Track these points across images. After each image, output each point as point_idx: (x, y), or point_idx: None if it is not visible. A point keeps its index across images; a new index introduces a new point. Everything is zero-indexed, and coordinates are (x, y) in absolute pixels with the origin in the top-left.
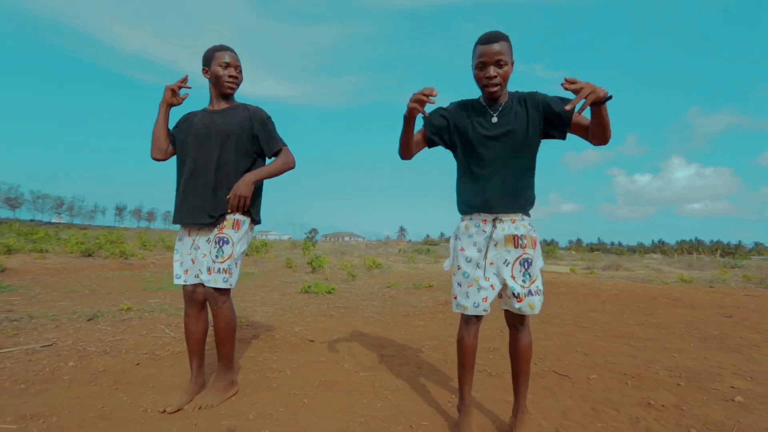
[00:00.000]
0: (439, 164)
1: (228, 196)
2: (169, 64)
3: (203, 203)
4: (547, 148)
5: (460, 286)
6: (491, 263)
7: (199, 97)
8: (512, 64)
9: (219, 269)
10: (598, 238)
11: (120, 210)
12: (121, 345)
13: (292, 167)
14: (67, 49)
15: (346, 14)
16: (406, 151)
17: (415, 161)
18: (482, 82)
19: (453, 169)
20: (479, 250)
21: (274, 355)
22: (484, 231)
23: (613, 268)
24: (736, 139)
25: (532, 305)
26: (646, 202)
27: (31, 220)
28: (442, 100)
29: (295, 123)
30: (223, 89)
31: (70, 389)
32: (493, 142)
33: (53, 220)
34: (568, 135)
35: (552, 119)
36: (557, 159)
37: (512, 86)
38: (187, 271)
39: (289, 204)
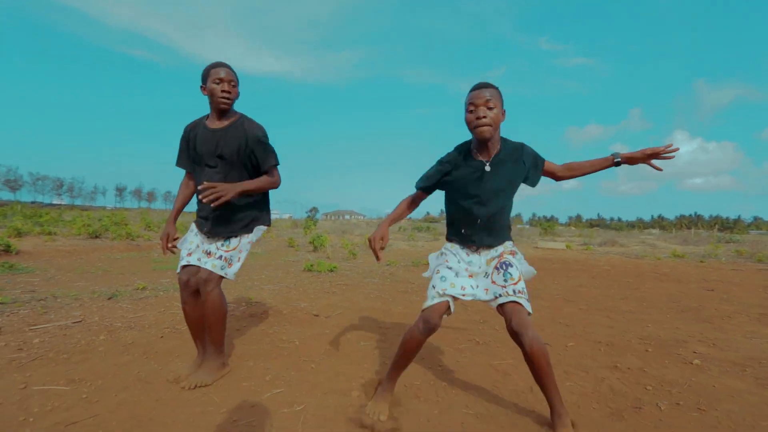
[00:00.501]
0: (439, 143)
1: (204, 186)
2: (161, 38)
3: (221, 224)
4: (549, 124)
5: (434, 287)
6: (470, 275)
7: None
8: (503, 113)
9: (220, 256)
10: (598, 214)
11: (120, 191)
12: (143, 321)
13: (276, 187)
14: (60, 26)
15: None
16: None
17: (418, 136)
18: (473, 124)
19: (452, 145)
20: (459, 262)
21: (283, 328)
22: (468, 253)
23: (609, 244)
24: (742, 112)
25: (516, 290)
26: (647, 177)
27: (33, 202)
28: (445, 69)
29: (294, 100)
30: (217, 105)
31: (106, 358)
32: (484, 197)
33: (54, 202)
34: None
35: (535, 178)
36: (559, 135)
37: (519, 62)
38: (190, 253)
39: (289, 183)
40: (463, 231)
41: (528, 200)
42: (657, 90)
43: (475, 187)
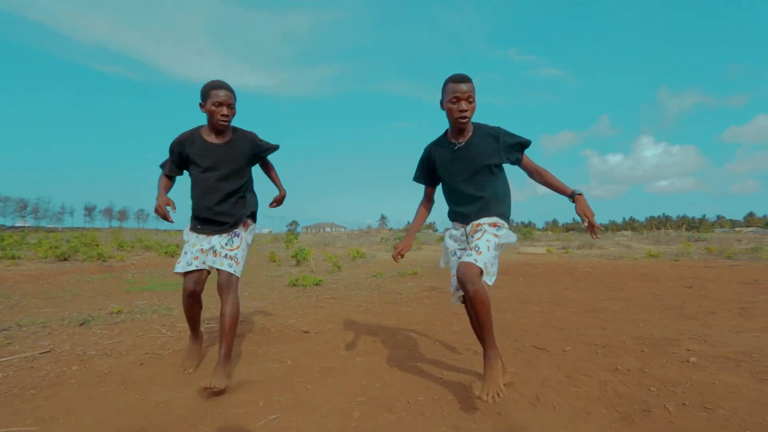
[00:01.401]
0: (418, 153)
1: (271, 205)
2: (134, 54)
3: (225, 216)
4: (523, 133)
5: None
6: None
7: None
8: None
9: (226, 254)
10: (573, 218)
11: (89, 210)
12: (119, 347)
13: None
14: (20, 39)
15: (318, 1)
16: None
17: (394, 150)
18: (455, 115)
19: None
20: (455, 240)
21: (273, 347)
22: (456, 228)
23: (587, 247)
24: (702, 117)
25: (476, 249)
26: (617, 181)
27: None
28: (422, 82)
29: (271, 113)
30: (215, 126)
31: (79, 391)
32: (457, 175)
33: (17, 224)
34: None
35: (509, 158)
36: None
37: (492, 72)
38: (197, 257)
39: (266, 197)
40: (452, 208)
41: None
42: (623, 97)
43: (452, 166)
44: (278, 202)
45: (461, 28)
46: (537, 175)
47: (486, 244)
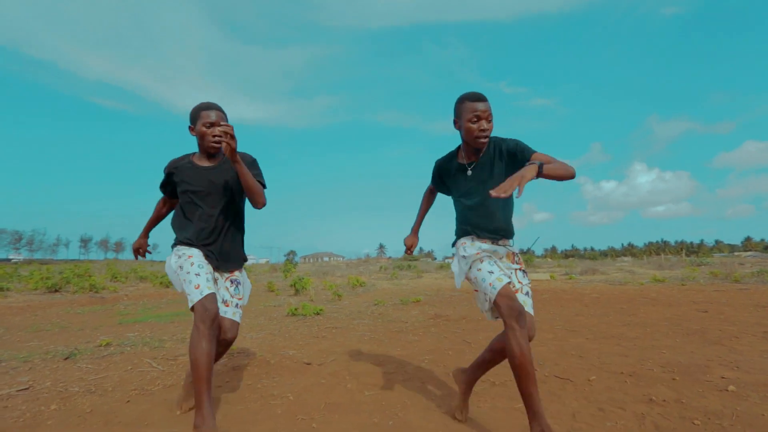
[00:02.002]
0: (414, 180)
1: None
2: (134, 88)
3: (231, 252)
4: None
5: (485, 280)
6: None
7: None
8: None
9: (236, 304)
10: (572, 245)
11: (85, 242)
12: (105, 383)
13: (262, 202)
14: (26, 76)
15: (313, 36)
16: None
17: (389, 178)
18: (475, 134)
19: (426, 185)
20: (486, 252)
21: (273, 381)
22: (477, 240)
23: (590, 273)
24: (691, 143)
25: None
26: (613, 207)
27: None
28: (415, 113)
29: (269, 145)
30: (207, 149)
31: None
32: (471, 194)
33: (11, 257)
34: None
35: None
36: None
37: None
38: (216, 282)
39: (263, 228)
40: (472, 223)
41: None
42: (614, 125)
43: (465, 185)
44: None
45: (452, 62)
46: (546, 171)
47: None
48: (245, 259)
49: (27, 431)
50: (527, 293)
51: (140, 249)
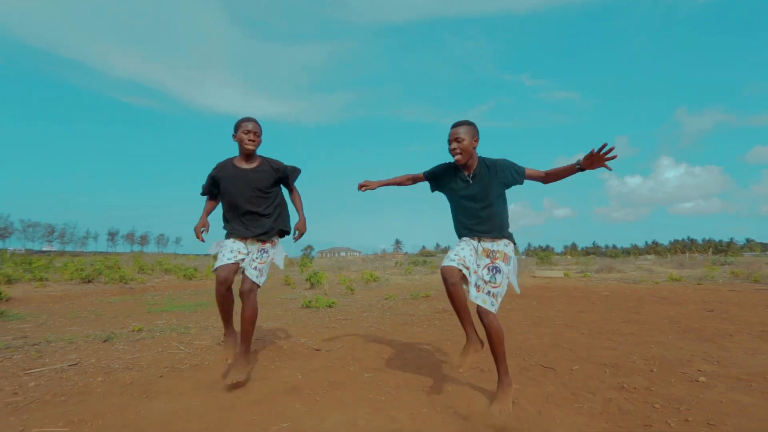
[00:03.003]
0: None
1: (296, 237)
2: (159, 86)
3: (257, 228)
4: (538, 154)
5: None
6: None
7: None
8: (476, 140)
9: (255, 267)
10: (593, 242)
11: (112, 235)
12: (141, 361)
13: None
14: (58, 76)
15: (333, 32)
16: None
17: (411, 172)
18: (450, 153)
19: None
20: (468, 245)
21: (285, 363)
22: (471, 239)
23: (605, 271)
24: (724, 137)
25: (485, 301)
26: (639, 203)
27: (22, 250)
28: (435, 108)
29: (289, 140)
30: (244, 150)
31: (105, 399)
32: (469, 200)
33: (44, 248)
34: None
35: (510, 185)
36: (547, 164)
37: (504, 96)
38: (236, 257)
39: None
40: (463, 224)
41: (524, 230)
42: (640, 119)
43: (463, 192)
44: (299, 229)
45: (472, 55)
46: (548, 176)
47: (502, 281)
48: (276, 234)
49: (82, 397)
50: (488, 293)
51: (201, 227)
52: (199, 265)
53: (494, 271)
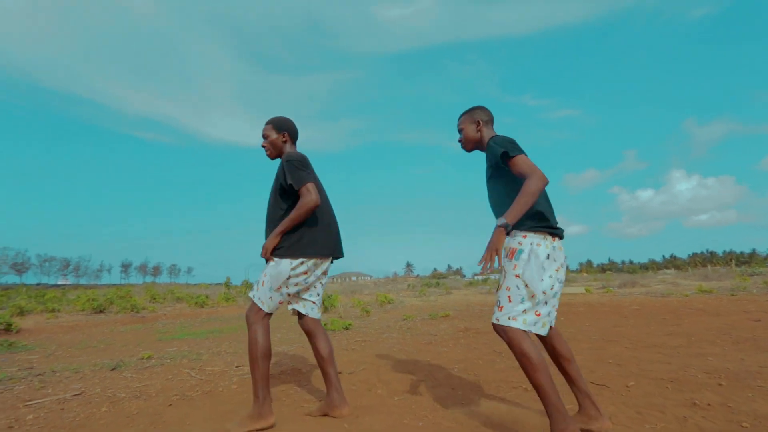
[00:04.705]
0: (439, 197)
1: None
2: (170, 121)
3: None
4: (546, 169)
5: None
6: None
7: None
8: (477, 123)
9: (254, 281)
10: (609, 258)
11: (126, 267)
12: (149, 389)
13: (310, 207)
14: (72, 114)
15: (336, 63)
16: None
17: (419, 196)
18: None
19: (452, 202)
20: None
21: (305, 387)
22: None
23: (629, 285)
24: (735, 146)
25: (493, 311)
26: (652, 217)
27: (38, 284)
28: (439, 131)
29: None
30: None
31: (108, 431)
32: (487, 184)
33: (59, 282)
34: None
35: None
36: (557, 180)
37: (506, 117)
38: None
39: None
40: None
41: None
42: (648, 132)
43: (486, 177)
44: (264, 248)
45: (473, 78)
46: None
47: (507, 284)
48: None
49: (82, 430)
50: (497, 300)
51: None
52: (210, 294)
53: (503, 272)
